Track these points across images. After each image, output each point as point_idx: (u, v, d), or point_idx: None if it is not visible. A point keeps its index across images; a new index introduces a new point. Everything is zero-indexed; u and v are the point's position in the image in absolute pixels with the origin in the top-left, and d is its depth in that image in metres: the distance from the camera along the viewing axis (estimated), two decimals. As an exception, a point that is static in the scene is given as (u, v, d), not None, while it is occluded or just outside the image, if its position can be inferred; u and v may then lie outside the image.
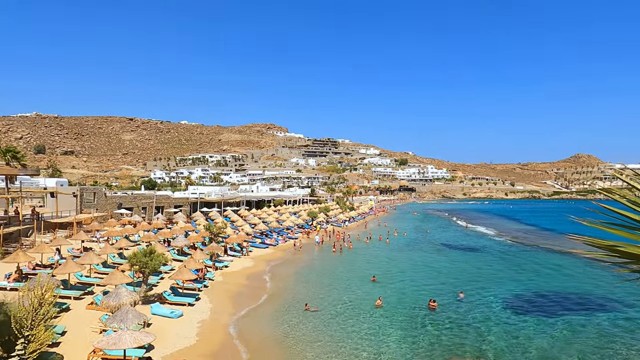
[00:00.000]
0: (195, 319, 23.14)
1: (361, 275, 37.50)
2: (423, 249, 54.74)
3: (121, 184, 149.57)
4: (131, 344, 14.73)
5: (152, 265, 25.83)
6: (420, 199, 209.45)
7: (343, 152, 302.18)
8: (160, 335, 19.66)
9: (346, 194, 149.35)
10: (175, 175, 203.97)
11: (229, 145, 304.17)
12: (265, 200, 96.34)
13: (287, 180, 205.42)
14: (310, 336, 21.89)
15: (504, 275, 38.58)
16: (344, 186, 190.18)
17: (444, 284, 34.41)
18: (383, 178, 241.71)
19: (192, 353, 18.56)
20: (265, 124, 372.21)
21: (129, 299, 20.27)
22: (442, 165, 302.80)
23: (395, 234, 67.33)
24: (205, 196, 79.09)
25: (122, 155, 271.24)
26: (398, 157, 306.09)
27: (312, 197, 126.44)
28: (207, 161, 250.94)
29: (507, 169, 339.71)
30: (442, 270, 40.39)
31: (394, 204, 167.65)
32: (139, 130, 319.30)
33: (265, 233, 58.68)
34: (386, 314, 25.99)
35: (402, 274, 38.33)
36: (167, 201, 68.75)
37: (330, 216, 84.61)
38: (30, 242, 37.48)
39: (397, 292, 31.45)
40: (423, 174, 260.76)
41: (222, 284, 31.58)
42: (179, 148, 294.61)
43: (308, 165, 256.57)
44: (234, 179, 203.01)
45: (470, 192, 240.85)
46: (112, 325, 17.20)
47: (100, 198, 56.50)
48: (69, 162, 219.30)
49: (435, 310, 26.68)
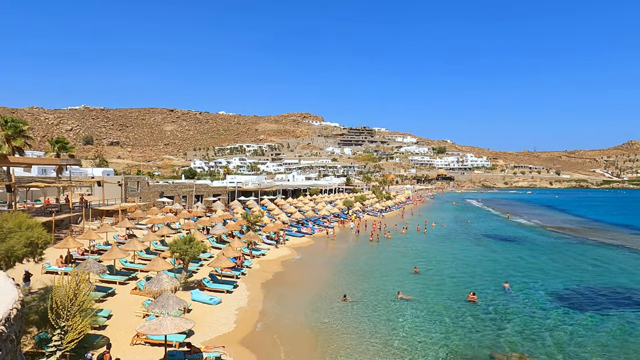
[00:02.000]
0: (234, 305, 23.50)
1: (399, 266, 36.92)
2: (463, 240, 53.27)
3: (163, 174, 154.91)
4: (172, 329, 15.05)
5: (192, 252, 26.43)
6: (458, 188, 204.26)
7: (379, 141, 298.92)
8: (200, 321, 20.09)
9: (382, 183, 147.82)
10: (214, 165, 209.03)
11: (266, 135, 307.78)
12: (301, 189, 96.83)
13: (322, 169, 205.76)
14: (346, 327, 21.71)
15: (550, 268, 36.82)
16: (380, 175, 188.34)
17: (485, 276, 33.28)
18: (420, 167, 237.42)
19: (231, 339, 18.84)
20: (301, 114, 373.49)
21: (170, 285, 20.81)
22: (482, 153, 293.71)
23: (433, 225, 65.92)
24: (243, 185, 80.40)
25: (164, 145, 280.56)
26: (436, 145, 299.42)
27: (347, 186, 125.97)
28: (244, 151, 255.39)
29: (552, 157, 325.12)
30: (483, 262, 39.10)
31: (432, 193, 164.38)
32: (179, 121, 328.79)
33: (302, 222, 58.95)
34: (426, 306, 25.41)
35: (441, 266, 37.41)
36: (206, 190, 70.38)
37: (366, 205, 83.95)
38: (79, 228, 39.34)
39: (437, 284, 30.71)
40: (462, 162, 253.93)
41: (259, 272, 31.96)
42: (217, 138, 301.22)
43: (344, 154, 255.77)
44: (270, 168, 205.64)
45: (512, 181, 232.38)
46: (154, 310, 17.69)
47: (144, 187, 58.54)
48: (114, 152, 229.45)
49: (476, 303, 25.83)
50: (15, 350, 5.16)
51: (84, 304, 8.17)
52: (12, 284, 7.11)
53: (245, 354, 17.71)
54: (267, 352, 18.17)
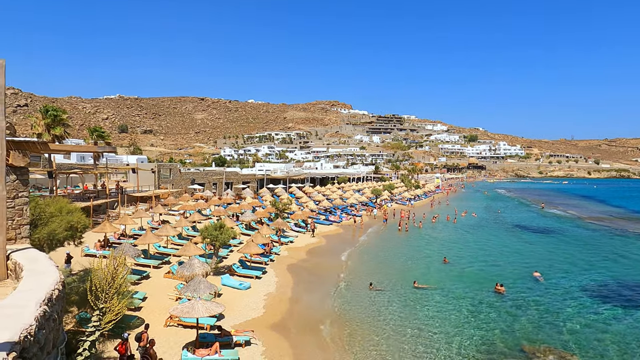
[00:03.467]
0: (262, 291, 23.93)
1: (427, 255, 36.57)
2: (494, 230, 52.10)
3: (194, 161, 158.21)
4: (203, 313, 15.50)
5: (222, 238, 27.00)
6: (490, 178, 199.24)
7: (408, 129, 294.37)
8: (230, 306, 20.58)
9: (411, 172, 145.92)
10: (243, 153, 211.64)
11: (294, 123, 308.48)
12: (329, 178, 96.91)
13: (350, 158, 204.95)
14: (372, 315, 21.77)
15: (586, 261, 35.54)
16: (409, 163, 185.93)
17: (516, 268, 32.48)
18: (450, 155, 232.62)
19: (260, 324, 19.23)
20: (329, 101, 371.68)
21: (201, 269, 21.39)
22: (516, 141, 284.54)
23: (463, 214, 64.73)
24: (271, 173, 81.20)
25: (195, 133, 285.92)
26: (467, 133, 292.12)
27: (376, 174, 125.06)
28: (272, 139, 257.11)
29: (590, 146, 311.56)
30: (513, 253, 38.17)
31: (462, 182, 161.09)
32: (209, 110, 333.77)
33: (329, 210, 59.11)
34: (453, 296, 25.12)
35: (470, 256, 36.79)
36: (235, 177, 71.53)
37: (394, 194, 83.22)
38: (115, 213, 40.86)
39: (465, 275, 30.28)
40: (494, 150, 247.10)
41: (287, 259, 32.36)
42: (246, 126, 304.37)
43: (372, 142, 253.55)
44: (298, 156, 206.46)
45: (547, 171, 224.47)
46: (186, 294, 18.24)
47: (176, 174, 60.07)
48: (147, 140, 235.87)
49: (503, 295, 25.30)
50: (58, 329, 5.46)
51: (121, 287, 8.55)
52: (54, 266, 7.47)
53: (274, 338, 18.04)
54: (296, 338, 18.46)
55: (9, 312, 4.62)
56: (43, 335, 4.58)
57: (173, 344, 16.30)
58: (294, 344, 17.81)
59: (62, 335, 6.18)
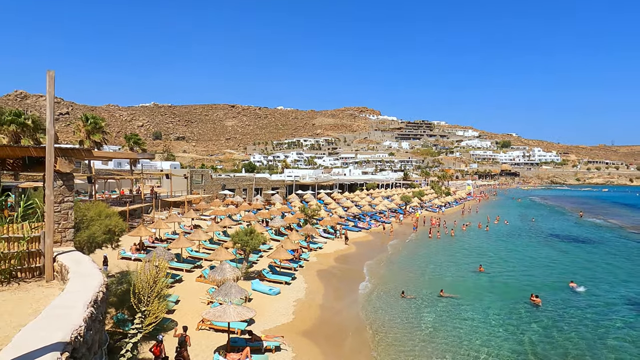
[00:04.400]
0: (292, 297, 24.01)
1: (459, 263, 35.79)
2: (528, 238, 50.44)
3: (224, 167, 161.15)
4: (235, 317, 15.71)
5: (253, 244, 27.35)
6: (524, 185, 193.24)
7: (438, 135, 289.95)
8: (260, 311, 20.75)
9: (441, 178, 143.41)
10: (272, 159, 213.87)
11: (323, 129, 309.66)
12: (357, 184, 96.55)
13: (379, 164, 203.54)
14: (405, 324, 21.45)
15: (629, 273, 33.81)
16: (439, 170, 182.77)
17: (552, 278, 31.32)
18: (482, 162, 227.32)
19: (290, 330, 19.29)
20: (358, 107, 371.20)
21: (232, 274, 21.71)
22: (552, 147, 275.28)
23: (496, 222, 63.02)
24: (300, 179, 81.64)
25: (225, 140, 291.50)
26: (500, 139, 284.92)
27: (405, 181, 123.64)
28: (301, 145, 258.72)
29: (633, 152, 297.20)
30: (549, 264, 36.79)
31: (494, 189, 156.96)
32: (239, 117, 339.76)
33: (358, 216, 58.83)
34: (486, 306, 24.44)
35: (503, 265, 35.76)
36: (265, 183, 72.34)
37: (424, 201, 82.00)
38: (150, 218, 42.08)
39: (499, 284, 29.43)
40: (528, 157, 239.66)
41: (317, 265, 32.37)
42: (275, 132, 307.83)
43: (401, 148, 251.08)
44: (327, 162, 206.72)
45: (585, 178, 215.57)
46: (218, 298, 18.54)
47: (207, 180, 61.35)
48: (180, 146, 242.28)
49: (539, 306, 24.39)
50: (102, 330, 5.69)
51: (162, 291, 8.86)
52: (97, 269, 7.79)
53: (305, 344, 18.05)
54: (326, 345, 18.40)
55: (58, 312, 4.84)
56: (90, 336, 4.77)
57: (205, 347, 16.57)
58: (324, 351, 17.77)
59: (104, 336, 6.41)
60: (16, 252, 8.85)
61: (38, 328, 4.29)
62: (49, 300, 7.15)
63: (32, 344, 3.81)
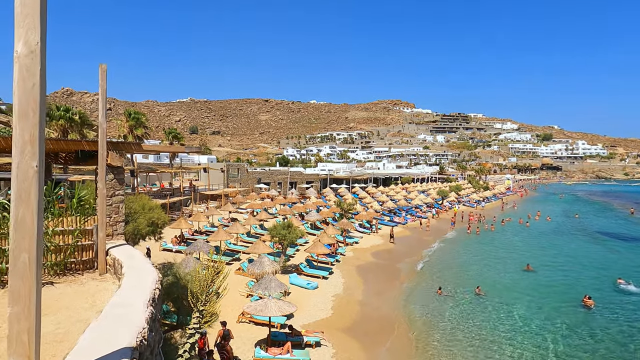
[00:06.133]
0: (330, 292, 23.84)
1: (499, 260, 34.58)
2: (572, 235, 48.15)
3: (258, 161, 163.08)
4: (276, 312, 15.69)
5: (290, 237, 27.36)
6: (567, 179, 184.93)
7: (475, 128, 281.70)
8: (299, 305, 20.62)
9: (479, 172, 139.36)
10: (305, 153, 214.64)
11: (356, 123, 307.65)
12: (392, 178, 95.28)
13: (413, 158, 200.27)
14: (441, 320, 20.89)
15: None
16: (476, 164, 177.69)
17: (602, 278, 29.66)
18: (521, 155, 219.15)
19: (329, 326, 19.12)
20: (392, 101, 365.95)
21: (271, 268, 21.73)
22: (597, 140, 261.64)
23: (537, 217, 60.57)
24: (334, 173, 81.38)
25: (259, 134, 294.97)
26: (540, 131, 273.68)
27: (440, 175, 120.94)
28: (334, 139, 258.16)
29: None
30: (600, 263, 34.89)
31: (535, 183, 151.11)
32: (273, 111, 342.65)
33: (394, 211, 57.99)
34: (533, 305, 23.44)
35: (548, 263, 34.19)
36: (299, 177, 72.56)
37: (461, 195, 79.90)
38: (189, 210, 43.02)
39: (547, 284, 28.17)
40: (571, 150, 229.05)
41: (353, 260, 32.07)
42: (308, 126, 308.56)
43: (436, 141, 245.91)
44: (360, 156, 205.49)
45: (635, 172, 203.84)
46: (258, 291, 18.59)
47: (243, 173, 62.15)
48: (216, 141, 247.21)
49: (592, 309, 23.09)
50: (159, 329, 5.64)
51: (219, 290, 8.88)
52: (150, 263, 7.81)
53: (344, 341, 17.85)
54: (366, 341, 18.12)
55: (119, 312, 4.77)
56: (152, 337, 4.68)
57: (245, 340, 16.66)
58: (364, 347, 17.52)
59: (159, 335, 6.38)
60: (70, 245, 9.03)
61: (102, 330, 4.21)
62: (104, 295, 7.23)
63: (99, 348, 3.72)
